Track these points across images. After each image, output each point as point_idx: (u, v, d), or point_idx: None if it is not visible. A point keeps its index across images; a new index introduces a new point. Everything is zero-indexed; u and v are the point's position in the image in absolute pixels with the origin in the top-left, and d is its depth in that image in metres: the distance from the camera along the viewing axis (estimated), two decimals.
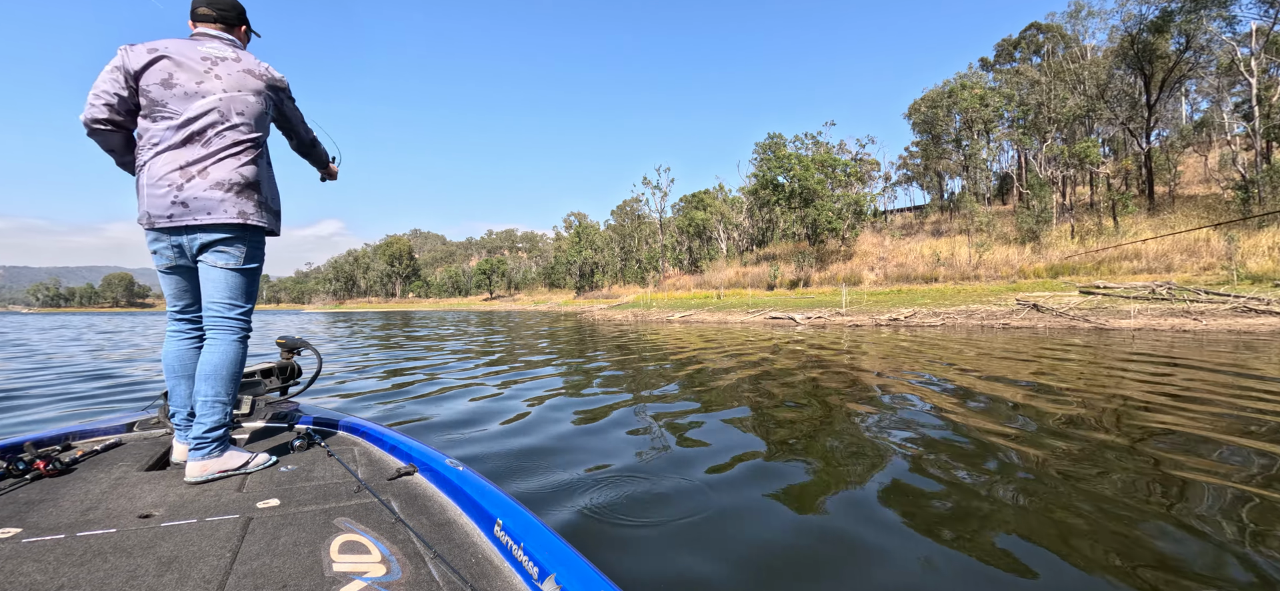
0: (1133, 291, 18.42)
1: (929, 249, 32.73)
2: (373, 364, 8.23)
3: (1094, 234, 28.04)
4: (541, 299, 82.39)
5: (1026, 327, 15.37)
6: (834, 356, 8.29)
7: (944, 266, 29.02)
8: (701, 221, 54.99)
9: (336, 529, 1.37)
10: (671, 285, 47.42)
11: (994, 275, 26.47)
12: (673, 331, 16.28)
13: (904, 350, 9.13)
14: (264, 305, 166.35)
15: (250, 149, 1.87)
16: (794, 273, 35.40)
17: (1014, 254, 27.84)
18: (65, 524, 1.37)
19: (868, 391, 5.15)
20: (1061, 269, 24.12)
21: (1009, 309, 18.71)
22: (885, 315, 20.25)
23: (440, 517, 1.45)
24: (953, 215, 44.33)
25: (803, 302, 25.96)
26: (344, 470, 1.79)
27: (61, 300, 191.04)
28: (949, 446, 3.24)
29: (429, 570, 1.18)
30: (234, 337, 1.88)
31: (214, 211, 1.78)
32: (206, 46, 1.87)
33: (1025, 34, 46.73)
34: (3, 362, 8.61)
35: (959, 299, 22.13)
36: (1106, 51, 34.23)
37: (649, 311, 29.77)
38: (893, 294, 25.95)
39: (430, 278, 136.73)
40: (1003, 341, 10.66)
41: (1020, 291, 21.89)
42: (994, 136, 35.22)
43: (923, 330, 15.22)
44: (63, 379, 6.58)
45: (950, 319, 18.46)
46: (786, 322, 20.74)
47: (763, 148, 42.69)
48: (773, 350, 9.45)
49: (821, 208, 35.32)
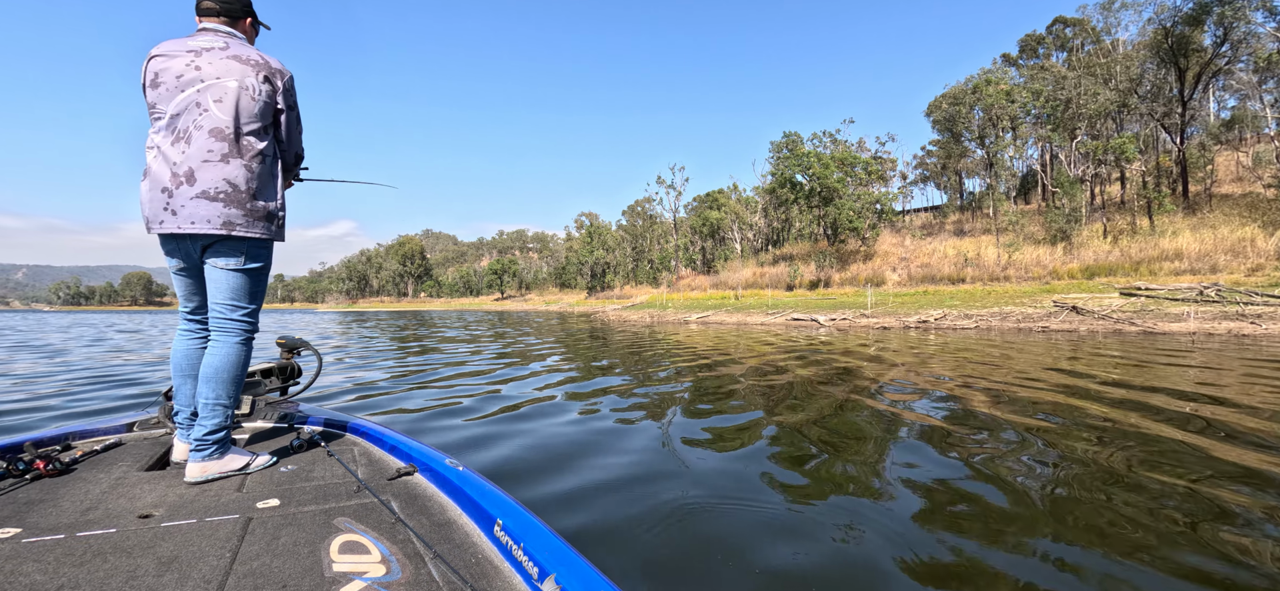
0: (1178, 293, 17.57)
1: (953, 249, 31.87)
2: (433, 374, 7.80)
3: (1127, 234, 27.06)
4: (553, 299, 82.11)
5: (1067, 331, 14.64)
6: (887, 362, 7.73)
7: (971, 267, 28.17)
8: (716, 221, 54.34)
9: (336, 529, 1.36)
10: (686, 286, 46.81)
11: (1024, 276, 25.62)
12: (710, 334, 15.76)
13: (948, 357, 8.54)
14: (278, 304, 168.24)
15: (233, 146, 1.76)
16: (814, 273, 34.65)
17: (1044, 254, 26.94)
18: (65, 524, 1.37)
19: (947, 417, 4.59)
20: (1097, 269, 23.24)
21: (1046, 311, 17.96)
22: (914, 317, 19.57)
23: (440, 517, 1.44)
24: (975, 214, 43.32)
25: (825, 304, 25.29)
26: (344, 470, 1.78)
27: (82, 298, 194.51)
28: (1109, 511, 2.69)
29: (429, 570, 1.17)
30: (237, 340, 1.85)
31: (198, 222, 1.73)
32: (198, 40, 1.81)
33: (1051, 28, 45.61)
34: (43, 368, 8.29)
35: (990, 300, 21.37)
36: (1137, 45, 33.13)
37: (664, 312, 29.24)
38: (919, 295, 25.19)
39: (442, 277, 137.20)
40: (1053, 347, 10.01)
41: (1055, 293, 21.08)
42: (1020, 133, 34.18)
43: (957, 333, 14.56)
44: (112, 384, 6.22)
45: (983, 321, 17.75)
46: (809, 324, 20.12)
47: (779, 146, 41.99)
48: (810, 357, 8.91)
49: (842, 207, 34.54)
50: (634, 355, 9.16)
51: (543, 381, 6.10)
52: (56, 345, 12.06)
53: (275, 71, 1.88)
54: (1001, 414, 4.13)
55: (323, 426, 2.32)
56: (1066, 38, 44.10)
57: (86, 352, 10.13)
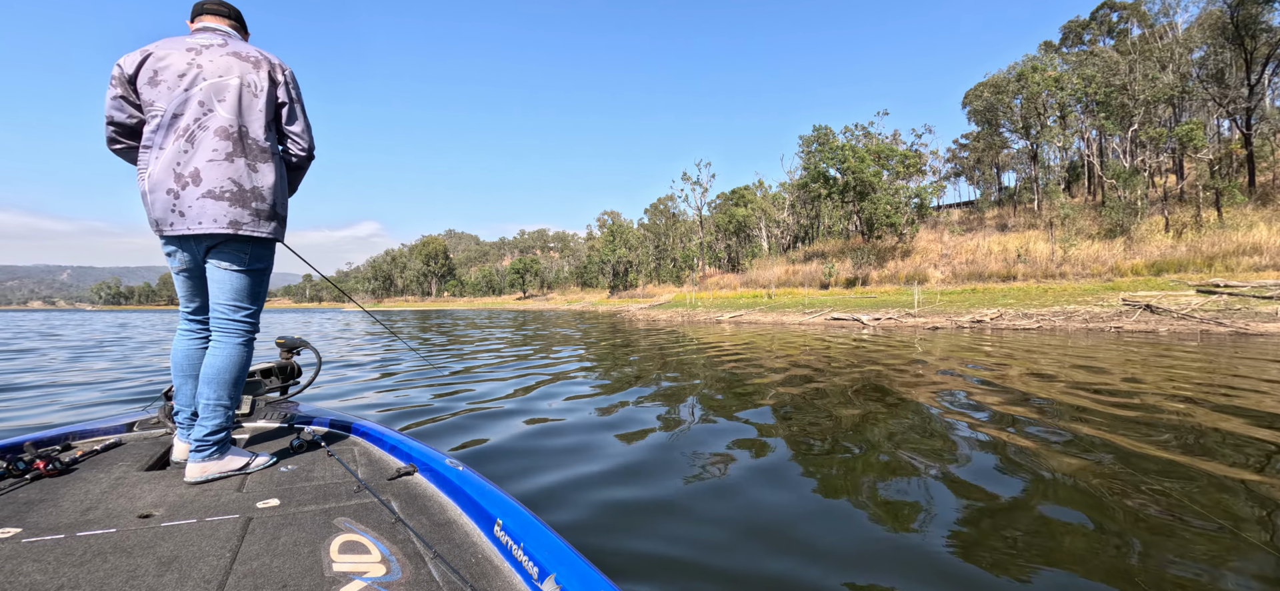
0: (1265, 290, 16.14)
1: (997, 244, 30.33)
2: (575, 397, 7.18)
3: (1191, 227, 25.30)
4: (575, 298, 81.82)
5: (1144, 332, 13.45)
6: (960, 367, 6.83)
7: (1022, 263, 26.70)
8: (742, 218, 53.22)
9: (336, 529, 1.35)
10: (715, 284, 45.81)
11: (1081, 273, 24.11)
12: (769, 335, 14.92)
13: (1030, 360, 7.58)
14: (306, 303, 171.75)
15: (238, 146, 1.74)
16: (850, 271, 33.37)
17: (1102, 249, 25.35)
18: (65, 524, 1.37)
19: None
20: (1164, 265, 21.69)
21: (1115, 310, 16.70)
22: (966, 316, 18.46)
23: (440, 517, 1.42)
24: (1016, 208, 41.41)
25: (865, 302, 24.18)
26: (344, 470, 1.77)
27: (121, 298, 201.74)
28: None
29: (429, 570, 1.16)
30: (238, 340, 1.84)
31: (205, 222, 1.71)
32: (197, 37, 1.79)
33: (1096, 13, 43.39)
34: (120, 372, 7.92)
35: (1047, 299, 20.07)
36: (1199, 22, 31.09)
37: (694, 312, 28.41)
38: (967, 293, 23.90)
39: (465, 277, 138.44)
40: (1145, 350, 8.95)
41: (1119, 290, 19.69)
42: (1069, 121, 32.39)
43: (1018, 334, 13.49)
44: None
45: (1045, 321, 16.59)
46: (851, 324, 19.15)
47: (808, 141, 40.69)
48: (889, 363, 8.04)
49: (878, 201, 33.20)
50: (715, 370, 8.41)
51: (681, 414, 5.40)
52: (121, 341, 11.86)
53: (275, 66, 1.84)
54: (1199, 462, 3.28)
55: (323, 426, 2.29)
56: (1113, 23, 41.93)
57: (149, 352, 9.82)
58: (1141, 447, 3.21)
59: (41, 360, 8.86)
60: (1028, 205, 39.84)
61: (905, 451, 3.18)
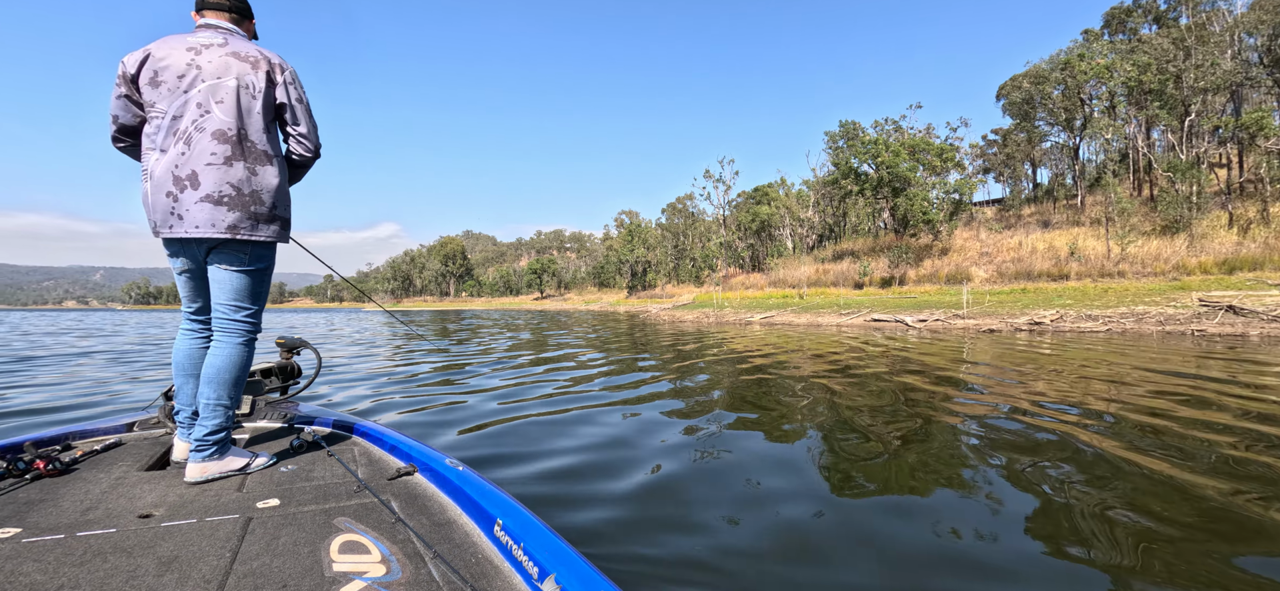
0: None
1: (1043, 242, 28.85)
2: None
3: (1258, 222, 23.65)
4: (592, 298, 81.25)
5: (1231, 335, 12.20)
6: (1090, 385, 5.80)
7: (1076, 261, 25.26)
8: (766, 216, 52.05)
9: (336, 529, 1.33)
10: (739, 284, 44.72)
11: (1142, 271, 22.64)
12: (838, 339, 13.96)
13: (1152, 379, 6.49)
14: (328, 303, 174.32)
15: (237, 148, 1.70)
16: (885, 270, 32.08)
17: (1163, 246, 23.83)
18: (65, 524, 1.35)
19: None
20: (1236, 263, 20.20)
21: (1191, 311, 15.37)
22: (1022, 318, 17.25)
23: (440, 517, 1.41)
24: (1055, 204, 39.62)
25: (906, 303, 22.99)
26: (344, 470, 1.76)
27: (150, 298, 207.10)
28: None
29: (429, 570, 1.15)
30: (239, 341, 1.82)
31: (203, 226, 1.69)
32: (198, 36, 1.76)
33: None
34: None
35: (1109, 299, 18.75)
36: (1255, 3, 29.21)
37: (722, 312, 27.44)
38: (1017, 293, 22.59)
39: (482, 277, 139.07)
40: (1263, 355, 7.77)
41: (1188, 289, 18.30)
42: (1117, 112, 30.69)
43: (1084, 337, 12.34)
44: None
45: (1113, 323, 15.33)
46: (894, 326, 18.04)
47: (835, 136, 39.40)
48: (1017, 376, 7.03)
49: (914, 197, 31.85)
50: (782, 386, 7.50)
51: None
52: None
53: (275, 65, 1.80)
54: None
55: (323, 426, 2.26)
56: (1159, 10, 39.91)
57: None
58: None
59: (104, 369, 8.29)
60: (1069, 200, 38.07)
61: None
